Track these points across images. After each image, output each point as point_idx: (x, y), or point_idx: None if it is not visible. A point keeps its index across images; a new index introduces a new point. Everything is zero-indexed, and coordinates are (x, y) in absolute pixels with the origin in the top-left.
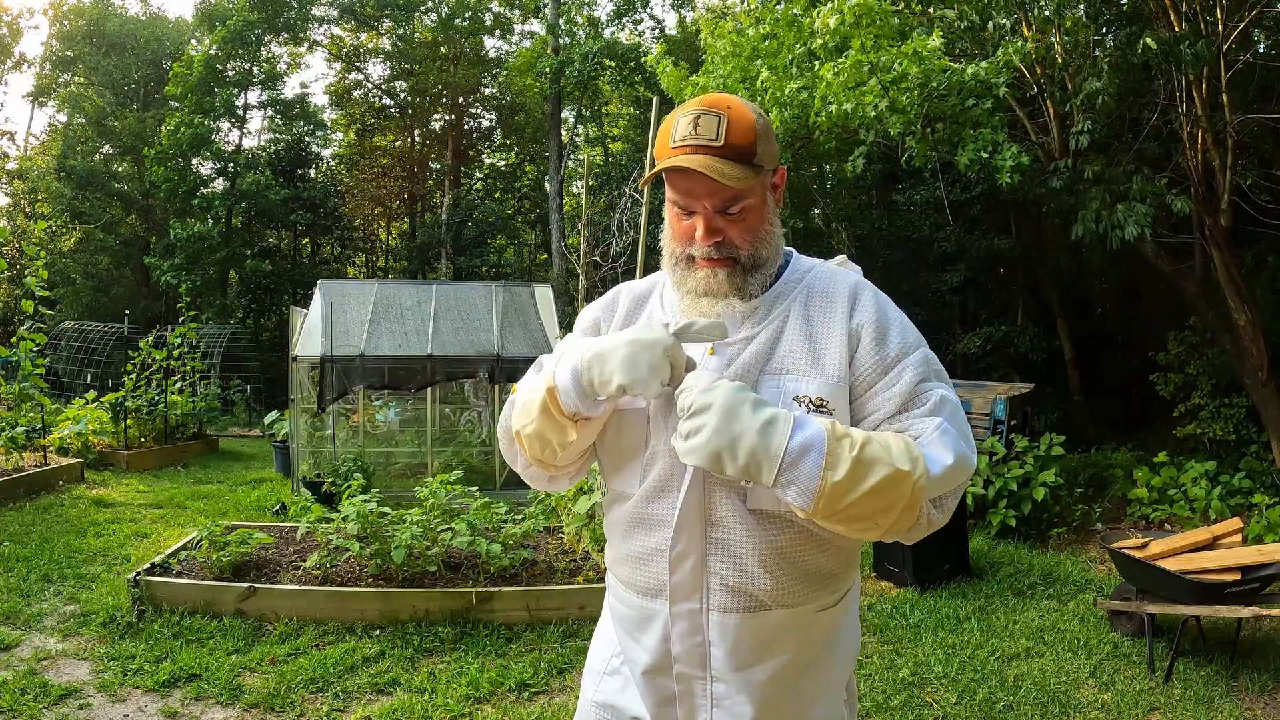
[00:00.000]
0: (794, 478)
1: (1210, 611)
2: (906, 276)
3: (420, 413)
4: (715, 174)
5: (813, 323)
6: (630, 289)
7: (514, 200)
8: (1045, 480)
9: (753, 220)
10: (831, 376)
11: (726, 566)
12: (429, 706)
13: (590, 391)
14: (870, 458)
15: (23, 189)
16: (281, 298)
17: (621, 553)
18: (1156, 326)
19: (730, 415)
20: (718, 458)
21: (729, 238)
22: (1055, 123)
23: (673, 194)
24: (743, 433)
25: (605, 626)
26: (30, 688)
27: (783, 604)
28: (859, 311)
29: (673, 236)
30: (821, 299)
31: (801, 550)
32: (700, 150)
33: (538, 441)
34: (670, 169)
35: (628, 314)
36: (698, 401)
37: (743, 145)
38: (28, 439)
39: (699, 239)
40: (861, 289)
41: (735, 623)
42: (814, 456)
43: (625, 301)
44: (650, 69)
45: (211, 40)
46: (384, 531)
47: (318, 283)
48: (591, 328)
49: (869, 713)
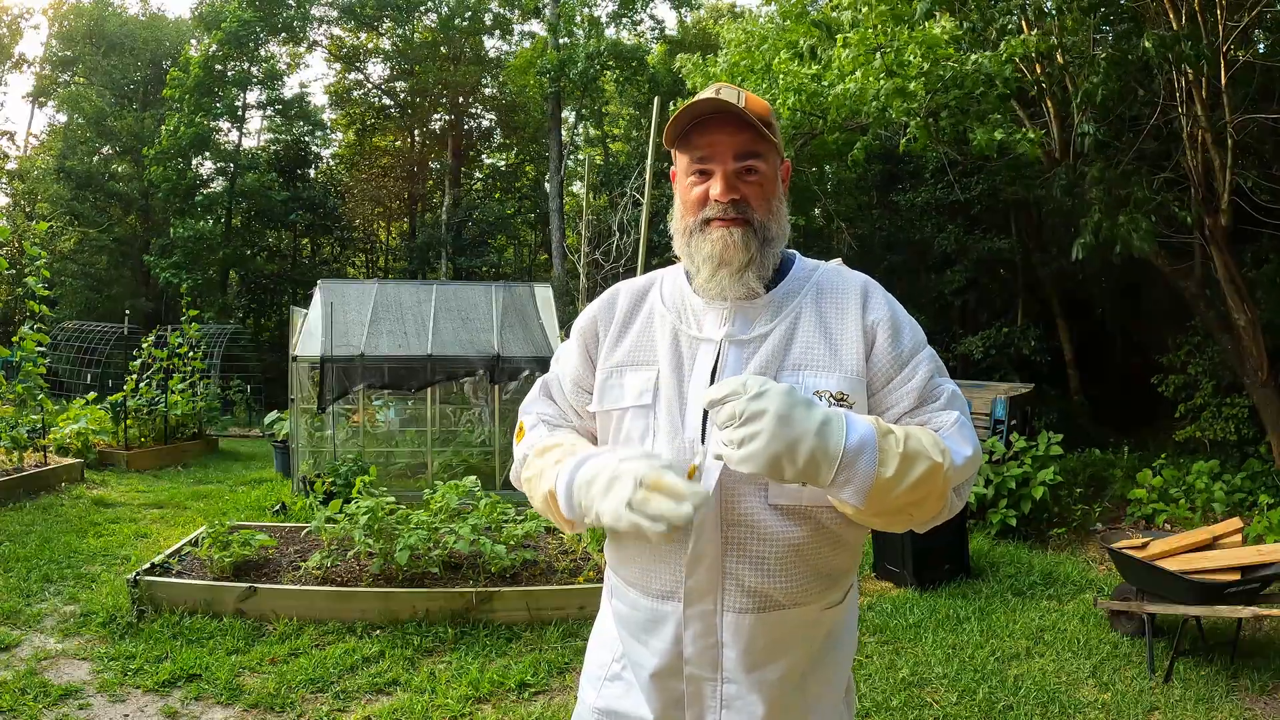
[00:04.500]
0: (851, 476)
1: (1210, 611)
2: (907, 277)
3: (420, 413)
4: (740, 115)
5: (827, 319)
6: (629, 287)
7: (514, 200)
8: (1045, 480)
9: (768, 189)
10: (850, 371)
11: (743, 567)
12: (429, 706)
13: (580, 514)
14: (913, 452)
15: (22, 189)
16: (281, 298)
17: (628, 555)
18: (1156, 326)
19: (786, 420)
20: (776, 463)
21: (745, 196)
22: (1056, 123)
23: (693, 153)
24: (801, 435)
25: (604, 630)
26: (30, 688)
27: (796, 602)
28: (873, 308)
29: (685, 210)
30: (833, 296)
31: (816, 548)
32: (724, 107)
33: (545, 515)
34: (693, 126)
35: (627, 313)
36: (749, 409)
37: (762, 113)
38: (29, 439)
39: (717, 195)
40: (871, 287)
41: (750, 623)
42: (868, 454)
43: (624, 300)
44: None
45: (210, 40)
46: (390, 530)
47: (318, 283)
48: (589, 328)
49: (869, 713)
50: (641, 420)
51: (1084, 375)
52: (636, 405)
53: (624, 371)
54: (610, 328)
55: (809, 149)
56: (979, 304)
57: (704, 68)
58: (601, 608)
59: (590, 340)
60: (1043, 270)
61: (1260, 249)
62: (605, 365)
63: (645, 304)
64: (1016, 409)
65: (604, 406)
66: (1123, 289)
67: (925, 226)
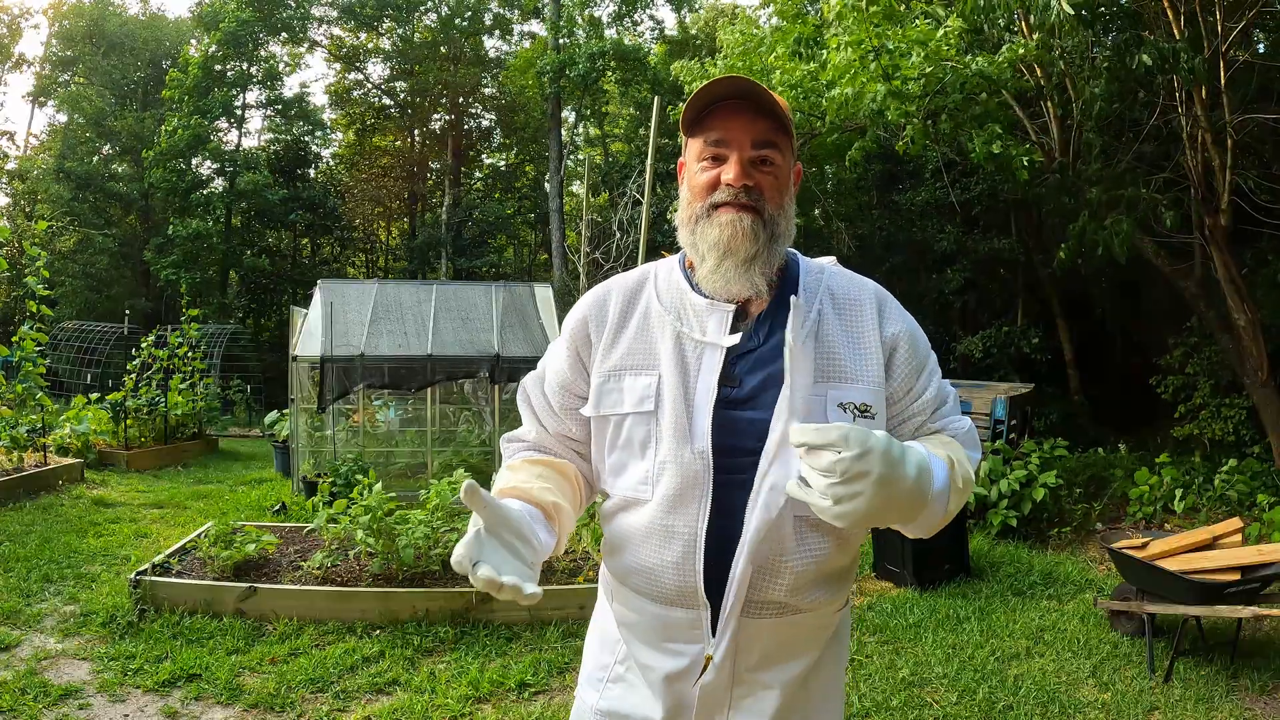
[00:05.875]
0: (929, 515)
1: (1210, 611)
2: (907, 277)
3: (420, 413)
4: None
5: (848, 328)
6: (621, 285)
7: (514, 200)
8: (1045, 481)
9: (782, 182)
10: (873, 382)
11: (770, 576)
12: (429, 706)
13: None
14: (965, 484)
15: (22, 189)
16: (281, 298)
17: (635, 562)
18: (1156, 326)
19: (887, 482)
20: (868, 520)
21: (759, 184)
22: (1055, 123)
23: (708, 135)
24: (898, 495)
25: (605, 632)
26: (30, 688)
27: (813, 608)
28: (892, 320)
29: (693, 195)
30: (849, 305)
31: (830, 553)
32: (744, 89)
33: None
34: (709, 111)
35: (621, 313)
36: (853, 469)
37: (781, 105)
38: (29, 438)
39: (730, 180)
40: (884, 295)
41: (766, 627)
42: (942, 500)
43: (616, 299)
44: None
45: (210, 40)
46: (391, 529)
47: (318, 283)
48: (579, 330)
49: (869, 713)
50: (642, 427)
51: (1084, 375)
52: (637, 411)
53: (622, 375)
54: (604, 330)
55: (808, 149)
56: (979, 304)
57: (703, 72)
58: (598, 609)
59: (581, 343)
60: (1043, 270)
61: (1260, 249)
62: (601, 369)
63: (639, 302)
64: (1016, 409)
65: (602, 412)
66: (1123, 289)
67: (925, 226)
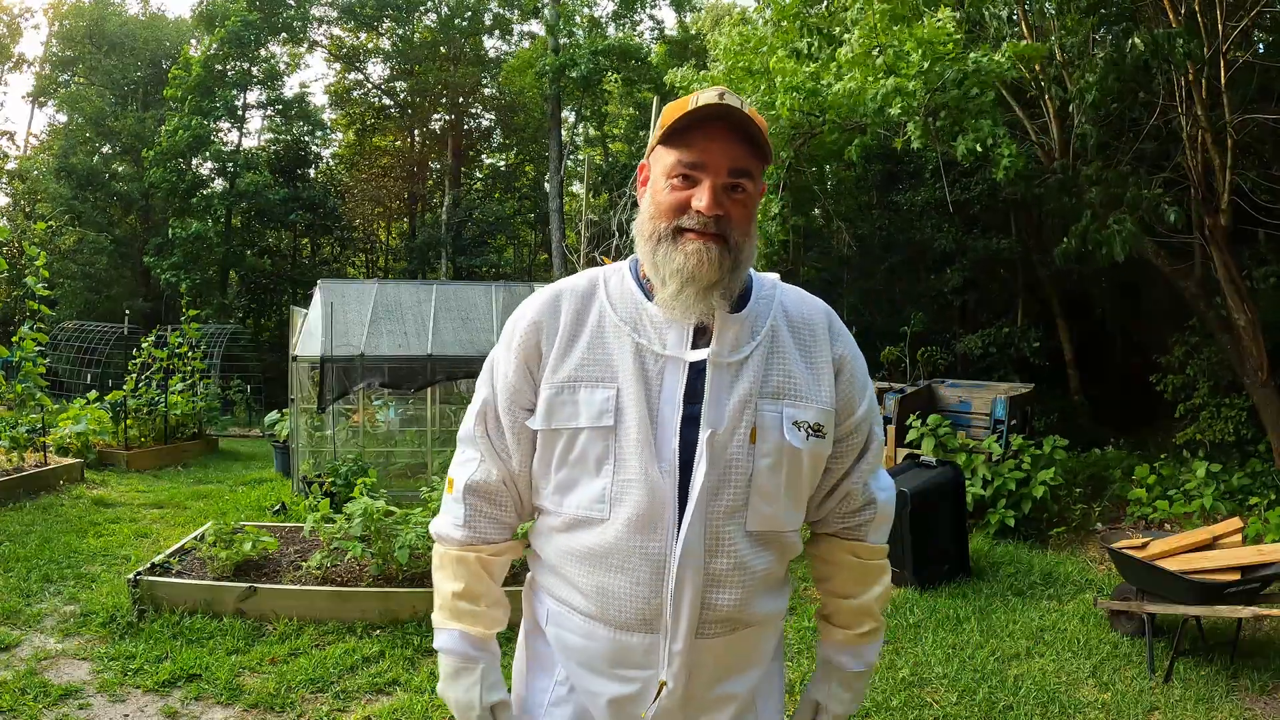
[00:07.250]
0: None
1: (1210, 611)
2: (907, 277)
3: (420, 413)
4: (742, 125)
5: (803, 348)
6: (572, 290)
7: (514, 200)
8: (1044, 480)
9: (750, 209)
10: (826, 402)
11: (722, 594)
12: (429, 706)
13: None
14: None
15: (22, 189)
16: (281, 298)
17: (588, 585)
18: (1156, 326)
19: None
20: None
21: (729, 214)
22: (1055, 122)
23: (685, 153)
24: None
25: (540, 656)
26: (30, 688)
27: (760, 621)
28: (839, 341)
29: (658, 212)
30: (803, 325)
31: (776, 565)
32: (729, 113)
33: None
34: (695, 126)
35: (573, 321)
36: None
37: (761, 129)
38: (29, 438)
39: (703, 207)
40: (832, 315)
41: (719, 645)
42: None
43: (568, 305)
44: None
45: (211, 40)
46: (388, 531)
47: (318, 283)
48: (529, 338)
49: (869, 713)
50: (600, 443)
51: (1084, 375)
52: (595, 426)
53: (577, 388)
54: (556, 337)
55: (808, 149)
56: (979, 304)
57: (699, 79)
58: (526, 633)
59: (530, 353)
60: (1042, 270)
61: (1260, 249)
62: (553, 380)
63: (592, 310)
64: (1016, 409)
65: (553, 425)
66: (1123, 289)
67: (925, 226)
